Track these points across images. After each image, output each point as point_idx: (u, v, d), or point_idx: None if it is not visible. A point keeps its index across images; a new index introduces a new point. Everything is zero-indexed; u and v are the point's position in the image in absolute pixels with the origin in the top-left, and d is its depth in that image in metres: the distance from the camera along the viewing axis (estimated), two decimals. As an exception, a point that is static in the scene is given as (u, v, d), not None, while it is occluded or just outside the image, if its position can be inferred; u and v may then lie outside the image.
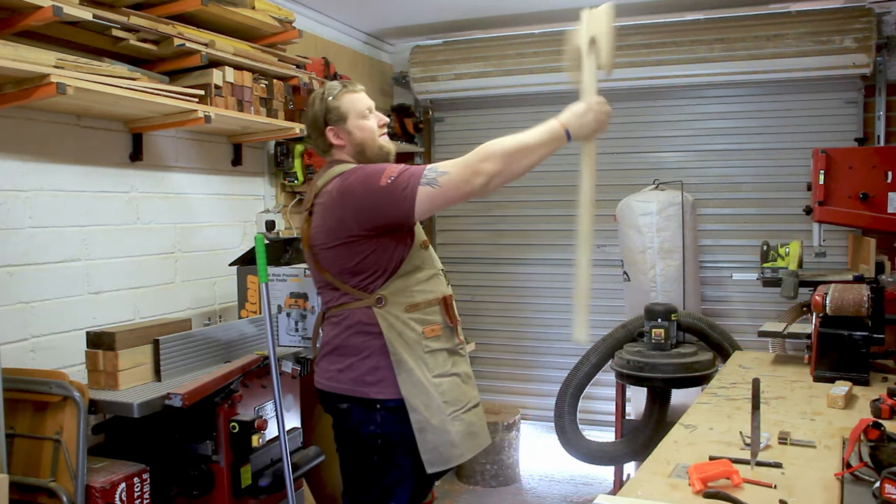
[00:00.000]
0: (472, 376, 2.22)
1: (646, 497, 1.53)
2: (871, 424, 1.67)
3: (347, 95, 2.14)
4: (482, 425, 2.20)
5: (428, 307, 2.10)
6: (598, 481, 4.21)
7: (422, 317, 2.08)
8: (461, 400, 2.12)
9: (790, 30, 3.93)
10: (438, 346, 2.11)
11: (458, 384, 2.13)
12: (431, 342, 2.09)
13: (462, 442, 2.10)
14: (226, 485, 2.48)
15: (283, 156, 3.65)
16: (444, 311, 2.13)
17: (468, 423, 2.13)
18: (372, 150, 2.17)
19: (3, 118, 2.42)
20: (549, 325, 4.82)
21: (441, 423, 2.07)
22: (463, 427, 2.11)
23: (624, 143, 4.58)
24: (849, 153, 3.46)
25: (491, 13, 4.29)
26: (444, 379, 2.10)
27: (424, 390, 2.06)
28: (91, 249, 2.75)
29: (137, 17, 2.53)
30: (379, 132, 2.18)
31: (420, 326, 2.08)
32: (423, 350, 2.07)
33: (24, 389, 2.20)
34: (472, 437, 2.14)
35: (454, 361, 2.14)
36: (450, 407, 2.09)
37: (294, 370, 2.86)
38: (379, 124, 2.18)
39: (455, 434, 2.08)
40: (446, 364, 2.12)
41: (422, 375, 2.06)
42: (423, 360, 2.07)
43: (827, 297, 2.45)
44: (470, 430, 2.13)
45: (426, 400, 2.06)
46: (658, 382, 3.34)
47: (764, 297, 4.17)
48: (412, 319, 2.07)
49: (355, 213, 1.98)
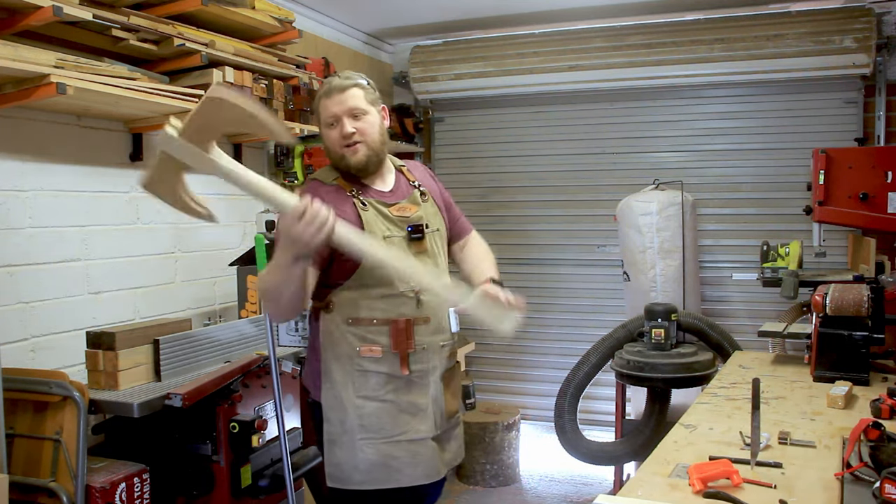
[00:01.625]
0: (424, 409, 2.03)
1: (646, 497, 1.53)
2: (871, 424, 1.67)
3: (322, 101, 2.03)
4: (414, 463, 2.01)
5: (372, 325, 1.97)
6: (598, 481, 4.21)
7: (363, 333, 1.98)
8: (385, 429, 1.99)
9: (790, 30, 3.93)
10: (374, 369, 1.98)
11: (388, 412, 1.99)
12: (366, 362, 1.98)
13: (369, 470, 1.99)
14: (226, 485, 2.48)
15: (283, 156, 3.65)
16: (392, 335, 1.97)
17: (386, 454, 1.98)
18: (335, 160, 2.06)
19: (3, 118, 2.42)
20: (549, 325, 4.82)
21: (350, 444, 1.99)
22: (376, 456, 1.98)
23: (624, 143, 4.59)
24: (849, 153, 3.45)
25: (491, 13, 4.29)
26: (370, 402, 1.99)
27: (342, 407, 2.00)
28: (91, 249, 2.75)
29: (137, 17, 2.53)
30: (341, 143, 2.01)
31: (357, 343, 1.98)
32: (355, 367, 1.99)
33: (24, 389, 2.20)
34: (385, 470, 1.99)
35: (394, 388, 1.99)
36: (365, 432, 1.98)
37: (294, 370, 2.86)
38: (342, 134, 2.00)
39: (361, 460, 1.98)
40: (379, 389, 1.99)
41: (343, 391, 1.99)
42: (351, 377, 1.99)
43: (827, 297, 2.45)
44: (385, 463, 1.98)
45: (342, 416, 2.00)
46: (658, 382, 3.33)
47: (764, 297, 4.17)
48: (350, 333, 1.98)
49: None
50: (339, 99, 1.99)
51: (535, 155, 4.77)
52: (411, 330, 1.99)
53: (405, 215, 2.03)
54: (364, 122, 2.01)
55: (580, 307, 4.76)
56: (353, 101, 2.00)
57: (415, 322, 2.00)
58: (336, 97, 1.99)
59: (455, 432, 2.18)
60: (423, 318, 2.01)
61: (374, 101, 2.05)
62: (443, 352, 2.07)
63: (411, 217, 2.03)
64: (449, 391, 2.10)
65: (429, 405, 2.04)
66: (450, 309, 2.07)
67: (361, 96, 2.01)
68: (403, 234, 2.02)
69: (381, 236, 1.96)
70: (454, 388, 2.14)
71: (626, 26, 4.34)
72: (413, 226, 2.03)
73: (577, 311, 4.77)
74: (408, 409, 2.01)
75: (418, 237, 2.03)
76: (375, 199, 2.03)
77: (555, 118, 4.71)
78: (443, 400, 2.07)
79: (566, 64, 4.38)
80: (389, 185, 2.10)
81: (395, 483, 2.00)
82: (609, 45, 4.30)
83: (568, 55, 4.38)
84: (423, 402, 2.03)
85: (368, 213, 1.99)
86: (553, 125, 4.72)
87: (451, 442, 2.16)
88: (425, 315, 2.01)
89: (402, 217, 2.03)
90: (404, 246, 2.00)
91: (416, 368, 2.01)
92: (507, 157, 4.85)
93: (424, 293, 1.99)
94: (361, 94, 2.02)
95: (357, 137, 2.00)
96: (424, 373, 2.03)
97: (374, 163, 2.04)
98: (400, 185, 2.12)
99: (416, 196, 2.10)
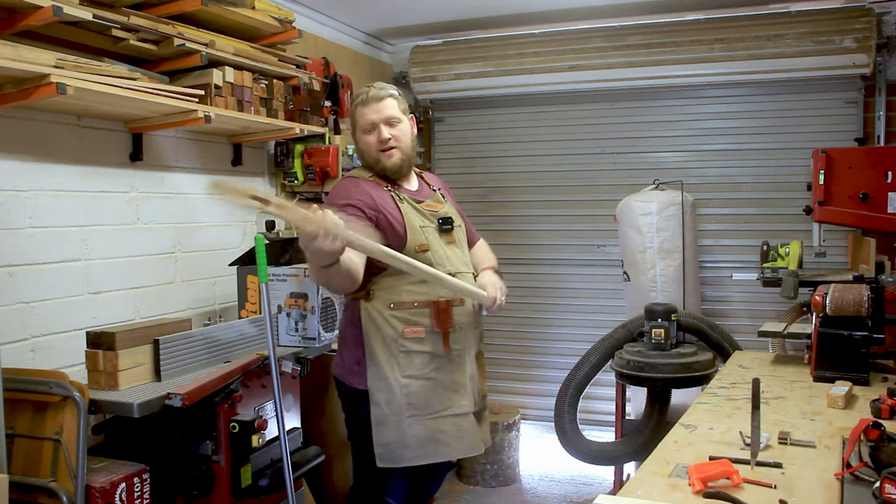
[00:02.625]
0: (464, 385, 2.20)
1: (646, 497, 1.53)
2: (871, 424, 1.67)
3: (359, 109, 2.24)
4: (460, 436, 2.17)
5: (414, 308, 2.13)
6: (598, 481, 4.21)
7: (406, 316, 2.13)
8: (431, 405, 2.14)
9: (790, 30, 3.93)
10: (418, 349, 2.14)
11: (434, 389, 2.14)
12: (410, 343, 2.13)
13: (418, 446, 2.13)
14: (226, 485, 2.48)
15: (283, 156, 3.64)
16: (434, 316, 2.14)
17: (433, 429, 2.13)
18: (370, 163, 2.26)
19: (3, 118, 2.42)
20: (549, 325, 4.82)
21: (398, 422, 2.13)
22: (423, 431, 2.13)
23: (624, 143, 4.59)
24: (849, 153, 3.45)
25: (491, 13, 4.29)
26: (415, 381, 2.13)
27: (389, 387, 2.14)
28: (91, 249, 2.75)
29: (137, 17, 2.53)
30: (377, 147, 2.22)
31: (401, 325, 2.13)
32: (399, 349, 2.13)
33: (24, 389, 2.20)
34: (433, 444, 2.14)
35: (437, 366, 2.15)
36: (412, 409, 2.12)
37: (294, 370, 2.86)
38: (379, 139, 2.21)
39: (411, 437, 2.12)
40: (424, 367, 2.14)
41: (390, 372, 2.13)
42: (396, 358, 2.13)
43: (827, 297, 2.45)
44: (433, 437, 2.14)
45: (388, 396, 2.14)
46: (658, 382, 3.33)
47: (764, 297, 4.17)
48: (394, 317, 2.13)
49: None
50: (377, 108, 2.21)
51: (535, 155, 4.77)
52: (450, 310, 2.16)
53: (434, 210, 2.25)
54: (398, 129, 2.24)
55: (580, 307, 4.76)
56: (389, 111, 2.22)
57: (452, 303, 2.17)
58: (373, 105, 2.21)
59: (485, 413, 2.36)
60: (459, 299, 2.19)
61: (405, 111, 2.29)
62: (475, 332, 2.26)
63: (439, 212, 2.25)
64: (482, 372, 2.29)
65: (467, 382, 2.22)
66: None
67: (396, 106, 2.25)
68: (435, 225, 2.23)
69: (418, 225, 2.16)
70: (483, 369, 2.32)
71: (626, 26, 4.34)
72: (443, 218, 2.26)
73: (577, 311, 4.77)
74: (450, 386, 2.17)
75: (448, 228, 2.26)
76: (407, 195, 2.25)
77: (555, 118, 4.71)
78: (478, 379, 2.25)
79: (566, 64, 4.39)
80: (415, 187, 2.32)
81: (443, 456, 2.18)
82: (609, 45, 4.30)
83: (568, 55, 4.38)
84: (463, 379, 2.20)
85: (405, 205, 2.20)
86: (553, 125, 4.72)
87: (485, 421, 2.33)
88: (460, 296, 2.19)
89: (432, 211, 2.24)
90: (437, 236, 2.21)
91: (455, 347, 2.18)
92: (507, 157, 4.85)
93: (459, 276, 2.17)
94: (395, 104, 2.25)
95: (393, 143, 2.21)
96: (462, 351, 2.21)
97: (406, 166, 2.27)
98: (423, 187, 2.36)
99: (438, 196, 2.35)
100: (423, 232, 2.17)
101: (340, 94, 3.83)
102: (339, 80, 3.83)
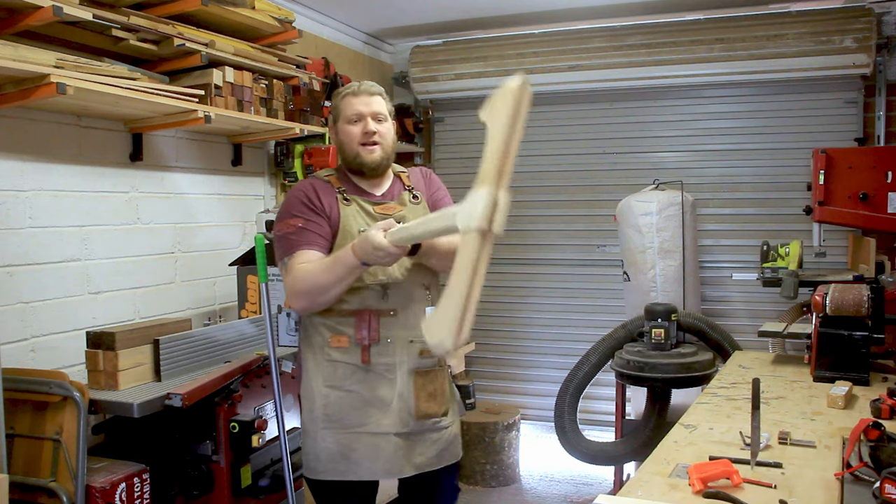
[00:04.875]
0: (389, 404, 2.05)
1: (646, 497, 1.53)
2: (871, 424, 1.67)
3: (347, 98, 2.15)
4: (374, 457, 2.03)
5: (340, 317, 2.05)
6: (598, 481, 4.21)
7: (332, 324, 2.06)
8: (346, 419, 2.04)
9: (790, 30, 3.93)
10: (342, 359, 2.05)
11: (352, 403, 2.04)
12: (335, 352, 2.06)
13: (328, 460, 2.04)
14: (226, 485, 2.48)
15: (283, 156, 3.65)
16: (358, 327, 2.04)
17: (344, 444, 2.03)
18: (347, 156, 2.15)
19: (3, 118, 2.42)
20: (549, 325, 4.82)
21: (314, 432, 2.07)
22: (335, 446, 2.03)
23: (624, 143, 4.59)
24: (849, 153, 3.45)
25: (491, 13, 4.29)
26: (334, 392, 2.05)
27: (311, 395, 2.09)
28: (91, 249, 2.75)
29: (137, 17, 2.53)
30: (361, 139, 2.11)
31: (328, 333, 2.07)
32: (325, 357, 2.07)
33: (24, 389, 2.20)
34: (344, 461, 2.03)
35: (359, 379, 2.04)
36: (328, 421, 2.05)
37: (294, 370, 2.85)
38: (364, 131, 2.11)
39: (323, 449, 2.05)
40: (346, 379, 2.05)
41: (314, 381, 2.08)
42: (321, 368, 2.07)
43: (827, 297, 2.44)
44: (344, 454, 2.03)
45: (310, 405, 2.09)
46: (658, 382, 3.33)
47: (764, 297, 4.17)
48: (322, 324, 2.07)
49: None
50: (367, 101, 2.14)
51: (535, 155, 4.77)
52: (376, 322, 2.05)
53: (387, 213, 2.12)
54: (384, 127, 2.15)
55: (580, 307, 4.76)
56: (378, 107, 2.15)
57: (380, 314, 2.05)
58: (364, 98, 2.14)
59: (433, 436, 2.13)
60: (389, 310, 2.06)
61: (391, 112, 2.21)
62: (412, 347, 2.07)
63: (394, 215, 2.10)
64: (423, 391, 2.09)
65: (394, 400, 2.06)
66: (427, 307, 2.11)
67: (384, 104, 2.17)
68: None
69: (356, 230, 2.05)
70: (431, 389, 2.11)
71: (626, 26, 4.33)
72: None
73: (577, 311, 4.77)
74: (372, 402, 2.05)
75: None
76: (360, 198, 2.13)
77: (555, 118, 4.71)
78: (412, 398, 2.06)
79: (566, 64, 4.38)
80: (382, 190, 2.20)
81: (353, 475, 2.05)
82: (609, 45, 4.30)
83: (568, 55, 4.38)
84: (389, 396, 2.06)
85: (350, 207, 2.10)
86: (553, 125, 4.72)
87: (425, 444, 2.12)
88: (391, 308, 2.06)
89: (384, 215, 2.11)
90: None
91: (380, 361, 2.05)
92: (507, 157, 4.84)
93: (391, 287, 2.06)
94: (384, 103, 2.17)
95: (377, 138, 2.13)
96: (391, 367, 2.06)
97: (383, 166, 2.17)
98: (393, 189, 2.22)
99: (404, 198, 2.19)
100: (359, 236, 1.99)
101: (340, 94, 3.83)
102: (339, 81, 3.83)
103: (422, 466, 2.11)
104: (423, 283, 2.12)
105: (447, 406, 2.16)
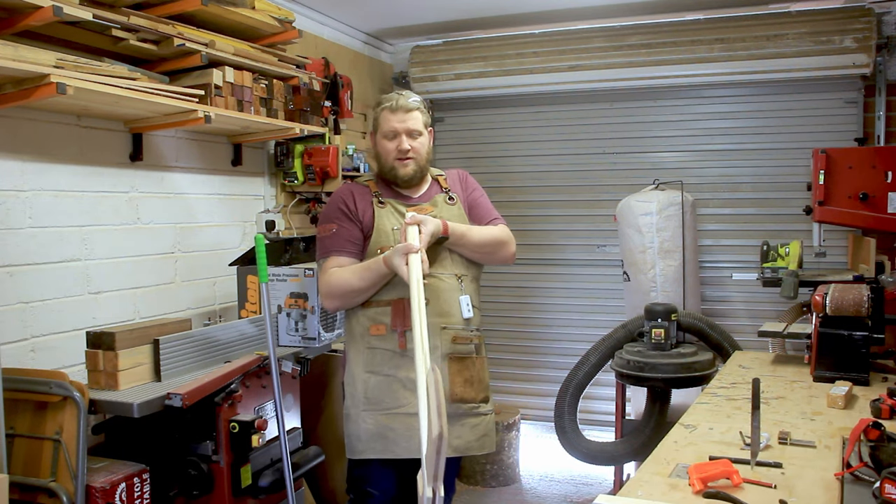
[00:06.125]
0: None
1: (646, 497, 1.53)
2: (871, 424, 1.67)
3: (385, 113, 2.29)
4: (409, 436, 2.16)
5: (378, 307, 2.22)
6: (598, 481, 4.21)
7: (372, 314, 2.23)
8: (386, 401, 2.20)
9: (790, 30, 3.93)
10: (381, 346, 2.22)
11: (391, 386, 2.20)
12: (375, 340, 2.22)
13: (368, 440, 2.21)
14: (226, 485, 2.48)
15: (283, 156, 3.65)
16: (394, 315, 2.20)
17: (383, 425, 2.19)
18: (383, 167, 2.33)
19: (3, 118, 2.42)
20: (549, 325, 4.82)
21: (356, 415, 2.23)
22: (374, 426, 2.20)
23: (624, 143, 4.59)
24: (849, 153, 3.45)
25: (491, 13, 4.29)
26: (374, 376, 2.21)
27: (353, 381, 2.25)
28: (91, 249, 2.75)
29: (137, 17, 2.53)
30: (395, 155, 2.27)
31: (368, 322, 2.23)
32: (365, 345, 2.23)
33: (24, 389, 2.20)
34: (381, 440, 2.19)
35: (397, 364, 2.20)
36: (367, 403, 2.21)
37: (294, 370, 2.86)
38: (399, 148, 2.27)
39: (363, 430, 2.21)
40: (385, 364, 2.21)
41: (356, 368, 2.24)
42: (362, 355, 2.23)
43: (827, 297, 2.45)
44: (382, 433, 2.19)
45: (352, 390, 2.25)
46: (658, 382, 3.33)
47: (764, 297, 4.17)
48: (363, 315, 2.24)
49: None
50: (403, 118, 2.27)
51: (536, 155, 4.77)
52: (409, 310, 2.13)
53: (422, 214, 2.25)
54: (418, 142, 2.30)
55: (580, 307, 4.76)
56: (414, 124, 2.28)
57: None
58: (401, 115, 2.27)
59: (472, 420, 2.28)
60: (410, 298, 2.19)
61: (426, 124, 2.34)
62: (444, 334, 2.22)
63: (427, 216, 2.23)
64: (459, 376, 2.25)
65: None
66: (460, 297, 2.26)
67: (420, 119, 2.30)
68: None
69: (390, 228, 2.24)
70: (468, 375, 2.27)
71: (626, 26, 4.33)
72: None
73: (577, 311, 4.77)
74: (407, 385, 2.17)
75: None
76: (395, 200, 2.31)
77: (555, 118, 4.71)
78: (446, 381, 2.22)
79: (566, 64, 4.38)
80: (419, 193, 2.37)
81: (391, 454, 2.20)
82: (609, 45, 4.30)
83: (568, 55, 4.38)
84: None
85: (385, 209, 2.28)
86: (553, 125, 4.72)
87: (463, 428, 2.26)
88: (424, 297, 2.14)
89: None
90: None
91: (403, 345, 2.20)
92: (507, 157, 4.85)
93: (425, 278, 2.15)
94: (420, 117, 2.31)
95: (411, 154, 2.28)
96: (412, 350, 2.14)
97: (417, 177, 2.33)
98: (430, 192, 2.38)
99: (438, 199, 2.35)
100: (394, 234, 2.23)
101: (340, 95, 3.83)
102: (339, 80, 3.83)
103: (460, 449, 2.27)
104: (455, 273, 2.28)
105: (486, 393, 2.35)
